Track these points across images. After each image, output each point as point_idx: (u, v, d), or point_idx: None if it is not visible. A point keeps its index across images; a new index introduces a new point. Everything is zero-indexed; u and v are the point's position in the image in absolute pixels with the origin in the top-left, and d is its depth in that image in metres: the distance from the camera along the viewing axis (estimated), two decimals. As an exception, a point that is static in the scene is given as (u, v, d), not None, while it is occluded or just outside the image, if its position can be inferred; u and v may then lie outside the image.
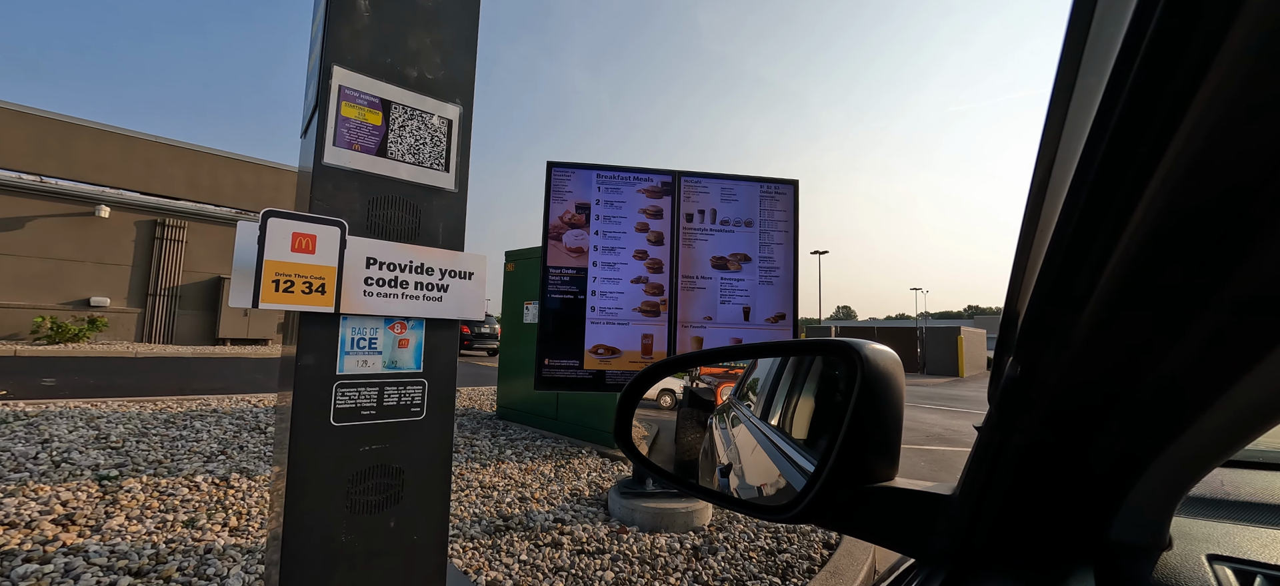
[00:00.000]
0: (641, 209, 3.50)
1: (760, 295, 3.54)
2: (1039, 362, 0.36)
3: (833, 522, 0.49)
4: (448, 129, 1.50)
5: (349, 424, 1.32)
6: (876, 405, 0.47)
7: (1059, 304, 0.32)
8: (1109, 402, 0.36)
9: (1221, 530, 0.46)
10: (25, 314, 12.35)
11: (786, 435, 0.74)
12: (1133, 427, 0.36)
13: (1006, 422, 0.40)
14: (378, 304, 1.35)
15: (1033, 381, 0.37)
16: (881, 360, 0.48)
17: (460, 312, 1.48)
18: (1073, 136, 0.29)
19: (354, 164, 1.36)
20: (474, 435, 4.88)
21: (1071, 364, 0.34)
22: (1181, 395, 0.33)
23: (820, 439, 0.60)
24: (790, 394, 0.79)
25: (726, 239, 3.56)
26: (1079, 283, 0.31)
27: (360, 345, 1.34)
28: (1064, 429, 0.38)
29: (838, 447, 0.47)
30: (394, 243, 1.40)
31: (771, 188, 3.66)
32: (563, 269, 3.38)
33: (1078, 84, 0.29)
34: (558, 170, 3.46)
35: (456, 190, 1.51)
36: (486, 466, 3.95)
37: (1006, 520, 0.42)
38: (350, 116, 1.35)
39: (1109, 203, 0.27)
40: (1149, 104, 0.24)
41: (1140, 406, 0.35)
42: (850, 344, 0.51)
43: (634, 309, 3.40)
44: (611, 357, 3.35)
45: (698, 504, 3.23)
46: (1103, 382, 0.35)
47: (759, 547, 2.85)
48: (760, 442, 0.84)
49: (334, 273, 1.30)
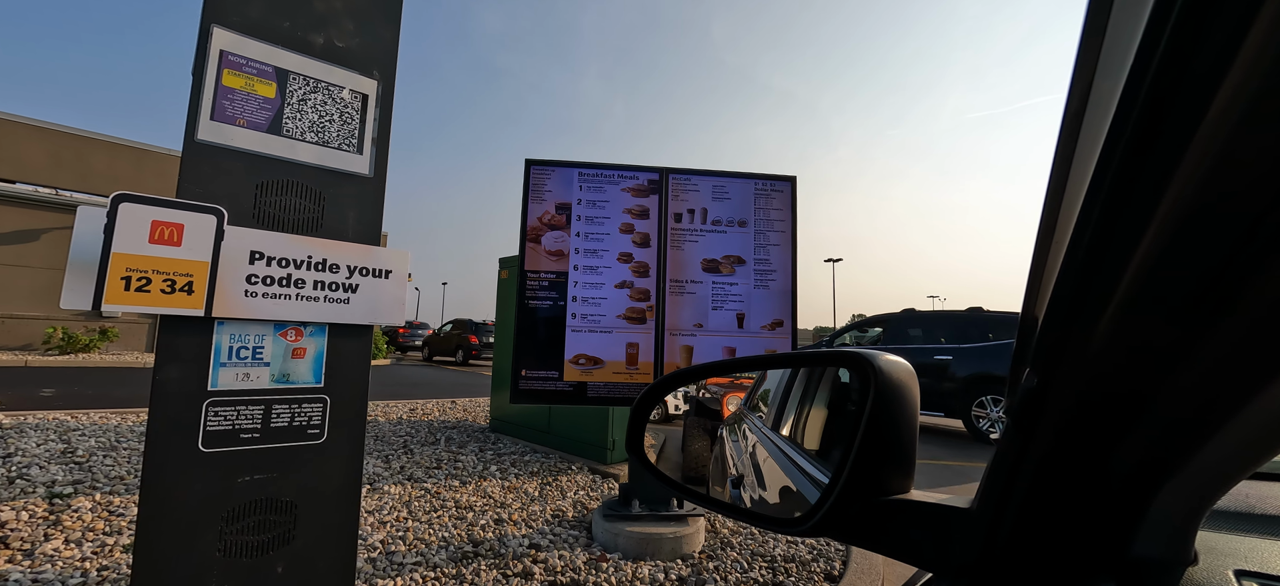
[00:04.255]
0: (626, 209, 3.27)
1: (756, 300, 3.28)
2: (1056, 373, 0.35)
3: (847, 535, 0.48)
4: (361, 105, 1.28)
5: (224, 450, 1.10)
6: (891, 416, 0.46)
7: (1076, 312, 0.32)
8: (1129, 413, 0.35)
9: (1249, 544, 0.45)
10: (39, 325, 12.51)
11: (799, 446, 0.72)
12: (1154, 439, 0.35)
13: (1024, 434, 0.39)
14: (265, 306, 1.13)
15: (1050, 392, 0.36)
16: (895, 371, 0.47)
17: (373, 316, 1.26)
18: (1089, 142, 0.29)
19: (238, 142, 1.15)
20: (460, 449, 4.66)
21: (1090, 374, 0.34)
22: (1204, 405, 0.32)
23: (833, 450, 0.60)
24: (802, 404, 0.78)
25: (718, 240, 3.31)
26: (1096, 290, 0.30)
27: (241, 355, 1.12)
28: (1083, 440, 0.37)
29: (852, 459, 0.46)
30: (289, 235, 1.18)
31: (767, 185, 3.40)
32: (541, 273, 3.16)
33: (1093, 90, 0.29)
34: (537, 169, 3.25)
35: (372, 175, 1.29)
36: (466, 484, 3.72)
37: (1025, 534, 0.41)
38: (235, 86, 1.13)
39: (1125, 209, 0.27)
40: (1165, 108, 0.24)
41: (1161, 417, 0.34)
42: (864, 354, 0.49)
43: (618, 315, 3.16)
44: (594, 368, 3.11)
45: (687, 529, 2.96)
46: (1122, 392, 0.34)
47: (753, 580, 2.57)
48: (772, 454, 0.82)
49: (206, 269, 1.09)
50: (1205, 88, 0.22)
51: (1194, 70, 0.22)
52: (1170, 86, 0.23)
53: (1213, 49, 0.22)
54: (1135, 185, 0.26)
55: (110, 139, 14.21)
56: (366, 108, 1.29)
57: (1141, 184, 0.26)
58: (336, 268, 1.21)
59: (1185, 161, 0.24)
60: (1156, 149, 0.24)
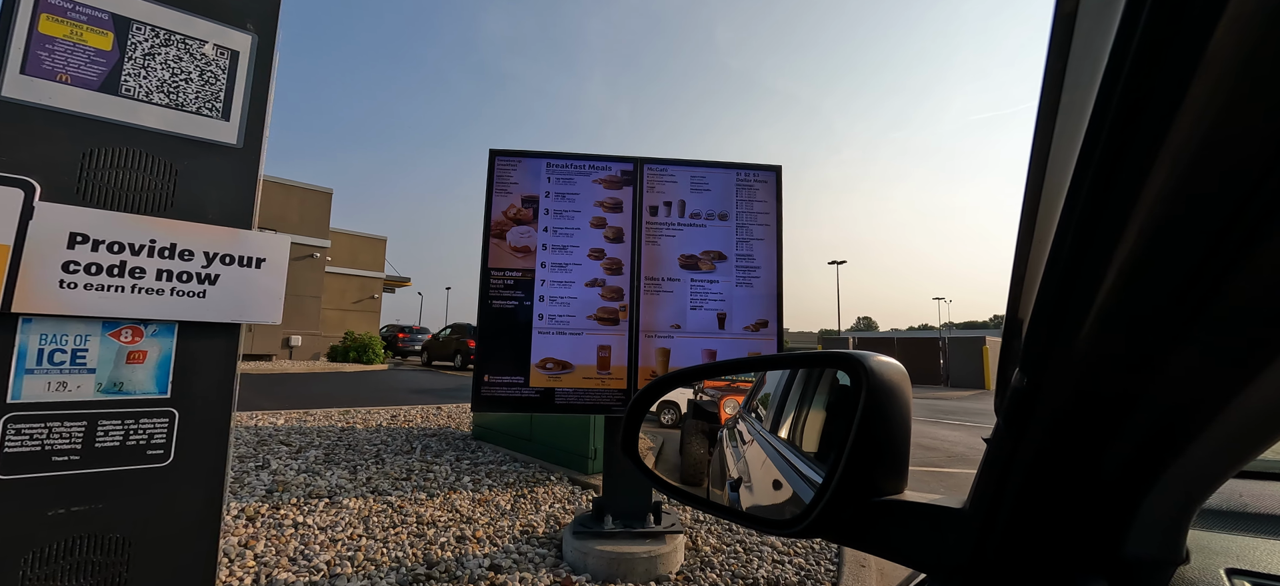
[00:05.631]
0: (598, 202, 3.05)
1: (738, 299, 3.06)
2: (1044, 373, 0.36)
3: (840, 536, 0.48)
4: (230, 64, 1.07)
5: (31, 476, 0.89)
6: (883, 417, 0.46)
7: (1061, 313, 0.32)
8: (1117, 412, 0.35)
9: (1240, 543, 0.46)
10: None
11: (797, 449, 0.72)
12: (1142, 437, 0.36)
13: (1014, 434, 0.39)
14: (88, 300, 0.92)
15: (1039, 392, 0.36)
16: (887, 372, 0.48)
17: (240, 313, 1.05)
18: (1063, 147, 0.30)
19: (59, 101, 0.94)
20: (436, 459, 4.45)
21: (1077, 373, 0.34)
22: (1189, 403, 0.33)
23: (830, 452, 0.59)
24: (800, 406, 0.78)
25: (697, 234, 3.08)
26: (1079, 291, 0.31)
27: (55, 360, 0.91)
28: (1072, 439, 0.38)
29: (844, 461, 0.47)
30: (127, 214, 0.97)
31: (749, 175, 3.18)
32: (506, 271, 2.95)
33: (1064, 93, 0.30)
34: (502, 159, 3.04)
35: (242, 146, 1.08)
36: (434, 496, 3.51)
37: (1018, 534, 0.42)
38: (56, 35, 0.92)
39: (1104, 211, 0.27)
40: (1138, 112, 0.24)
41: (1148, 415, 0.34)
42: (855, 356, 0.50)
43: (588, 316, 2.94)
44: (562, 373, 2.89)
45: (663, 548, 2.73)
46: (1109, 392, 0.35)
47: (729, 605, 2.33)
48: (770, 456, 0.81)
49: (5, 254, 0.87)
50: (1174, 94, 0.23)
51: (1163, 75, 0.23)
52: (1141, 93, 0.24)
53: (1180, 53, 0.22)
54: (1110, 190, 0.26)
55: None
56: (236, 67, 1.08)
57: (1116, 189, 0.26)
58: (190, 254, 1.00)
59: (1157, 167, 0.25)
60: (1130, 155, 0.25)
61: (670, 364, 2.95)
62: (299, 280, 17.08)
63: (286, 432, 5.00)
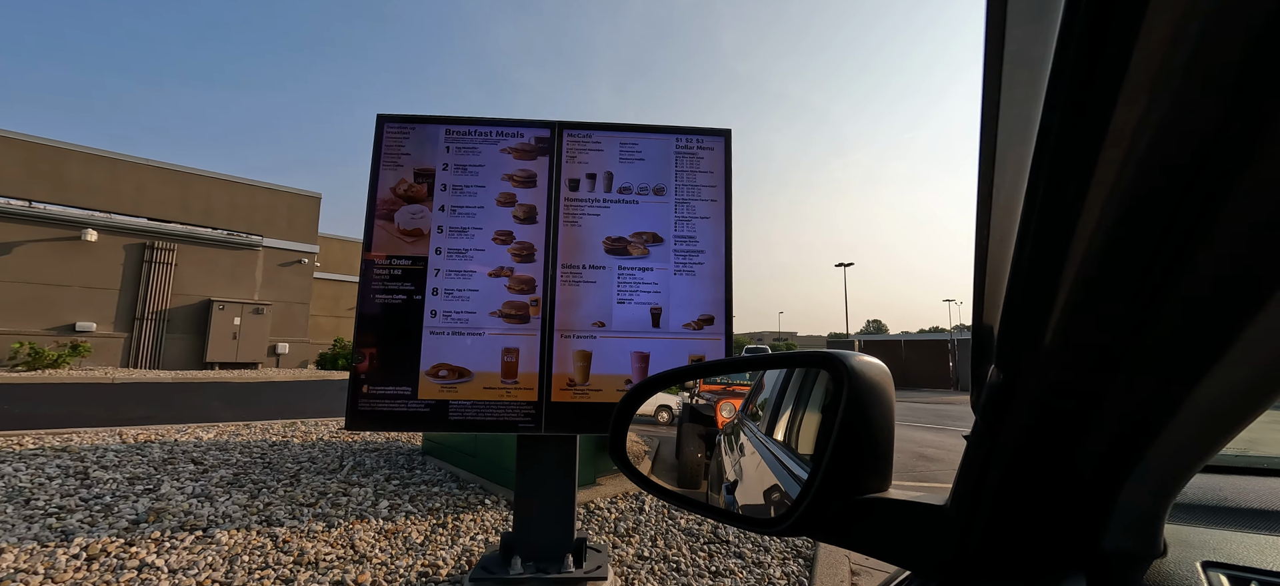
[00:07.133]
0: (507, 174, 2.53)
1: (676, 290, 2.51)
2: (1018, 369, 0.36)
3: (824, 534, 0.48)
4: None
5: None
6: (865, 416, 0.46)
7: (1028, 312, 0.33)
8: (1087, 406, 0.35)
9: (1217, 537, 0.46)
10: (6, 340, 12.12)
11: (790, 449, 0.73)
12: (1113, 430, 0.36)
13: (992, 431, 0.40)
14: None
15: (1014, 388, 0.37)
16: (869, 371, 0.48)
17: None
18: (1010, 150, 0.31)
19: None
20: (363, 478, 3.93)
21: (1047, 372, 0.35)
22: (1155, 394, 0.33)
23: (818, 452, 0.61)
24: (796, 408, 0.78)
25: (627, 213, 2.55)
26: (1043, 290, 0.31)
27: None
28: (1047, 434, 0.38)
29: (827, 459, 0.47)
30: None
31: (692, 141, 2.64)
32: (394, 259, 2.43)
33: (1004, 93, 0.31)
34: (392, 126, 2.53)
35: None
36: (333, 528, 2.99)
37: (998, 530, 0.42)
38: None
39: (1057, 213, 0.28)
40: (1080, 111, 0.25)
41: (1117, 407, 0.35)
42: (836, 355, 0.50)
43: (492, 313, 2.42)
44: (459, 382, 2.36)
45: (578, 596, 2.20)
46: (1079, 386, 0.35)
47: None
48: (765, 458, 0.82)
49: None
50: (1111, 88, 0.24)
51: (1101, 70, 0.23)
52: (1081, 90, 0.24)
53: (1115, 48, 0.23)
54: (1062, 192, 0.27)
55: (85, 149, 13.86)
56: None
57: (1067, 191, 0.27)
58: None
59: (1099, 167, 0.25)
60: (1076, 155, 0.26)
61: (592, 367, 2.41)
62: (286, 287, 16.71)
63: (206, 448, 4.51)
